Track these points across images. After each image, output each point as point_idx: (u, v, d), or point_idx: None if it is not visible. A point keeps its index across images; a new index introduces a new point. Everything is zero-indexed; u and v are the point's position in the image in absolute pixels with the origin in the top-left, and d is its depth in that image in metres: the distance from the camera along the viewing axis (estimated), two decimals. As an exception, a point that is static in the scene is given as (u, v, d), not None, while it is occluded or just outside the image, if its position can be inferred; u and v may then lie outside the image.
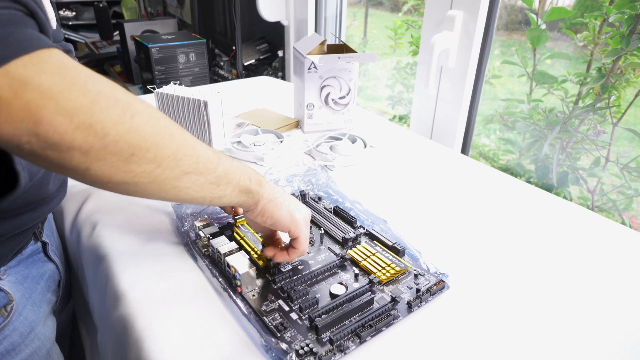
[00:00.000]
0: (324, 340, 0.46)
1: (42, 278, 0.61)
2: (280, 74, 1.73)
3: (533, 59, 1.20)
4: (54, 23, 0.53)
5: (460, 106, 0.96)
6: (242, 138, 0.90)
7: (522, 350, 0.46)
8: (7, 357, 0.55)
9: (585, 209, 0.72)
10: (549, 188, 1.06)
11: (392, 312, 0.49)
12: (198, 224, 0.62)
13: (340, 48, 1.02)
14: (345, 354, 0.45)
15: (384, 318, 0.48)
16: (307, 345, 0.45)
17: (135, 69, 1.89)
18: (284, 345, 0.45)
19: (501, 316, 0.51)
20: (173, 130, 0.40)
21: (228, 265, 0.53)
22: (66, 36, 2.49)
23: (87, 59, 2.11)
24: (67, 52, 0.64)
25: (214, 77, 1.92)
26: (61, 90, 0.32)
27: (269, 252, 0.54)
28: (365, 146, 0.89)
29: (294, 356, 0.44)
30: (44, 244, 0.63)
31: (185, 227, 0.63)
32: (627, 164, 1.01)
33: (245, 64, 1.77)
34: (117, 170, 0.36)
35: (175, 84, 0.82)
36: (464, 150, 1.02)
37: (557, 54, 1.19)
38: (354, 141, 0.91)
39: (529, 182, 1.09)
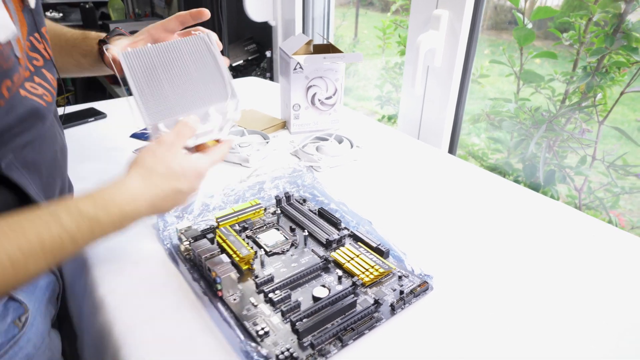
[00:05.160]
0: (305, 344, 0.45)
1: (47, 288, 0.59)
2: (268, 74, 1.72)
3: (520, 58, 1.21)
4: (32, 3, 0.50)
5: (446, 106, 0.95)
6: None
7: (508, 352, 0.46)
8: None
9: (573, 208, 0.72)
10: (536, 187, 1.06)
11: (375, 314, 0.48)
12: (179, 227, 0.61)
13: (327, 48, 1.01)
14: (326, 358, 0.44)
15: (367, 321, 0.48)
16: (288, 350, 0.44)
17: (122, 71, 1.87)
18: (264, 351, 0.44)
19: (486, 318, 0.50)
20: None
21: (209, 269, 0.52)
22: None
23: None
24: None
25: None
26: None
27: None
28: (352, 146, 0.89)
29: (274, 361, 0.43)
30: None
31: (167, 231, 0.62)
32: (613, 161, 1.02)
33: (234, 64, 1.76)
34: None
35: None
36: (451, 149, 1.02)
37: (543, 53, 1.19)
38: (340, 141, 0.90)
39: (517, 181, 1.09)
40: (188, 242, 0.59)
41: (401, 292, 0.51)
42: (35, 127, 0.49)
